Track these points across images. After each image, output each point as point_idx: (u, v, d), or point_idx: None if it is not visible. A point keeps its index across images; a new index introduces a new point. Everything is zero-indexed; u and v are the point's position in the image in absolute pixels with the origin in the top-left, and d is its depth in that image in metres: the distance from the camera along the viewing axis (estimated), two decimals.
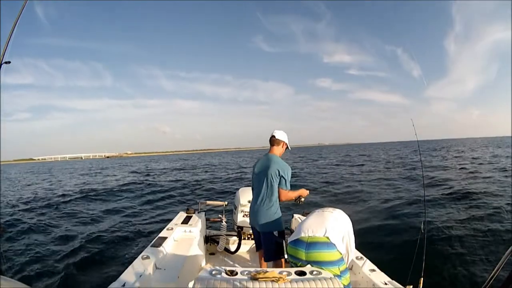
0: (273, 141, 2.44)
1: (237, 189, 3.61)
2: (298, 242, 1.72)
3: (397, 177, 10.77)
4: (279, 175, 2.30)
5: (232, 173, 17.26)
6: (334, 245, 1.67)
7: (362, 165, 18.87)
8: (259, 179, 2.39)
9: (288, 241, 1.81)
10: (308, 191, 2.56)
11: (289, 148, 2.54)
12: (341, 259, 1.69)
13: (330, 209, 1.98)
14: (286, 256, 2.36)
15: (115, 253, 4.33)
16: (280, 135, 2.45)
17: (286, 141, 2.47)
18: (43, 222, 6.07)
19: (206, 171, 20.02)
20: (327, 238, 1.67)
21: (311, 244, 1.67)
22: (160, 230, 2.87)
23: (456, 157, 22.72)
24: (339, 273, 1.64)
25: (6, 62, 1.38)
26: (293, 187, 2.44)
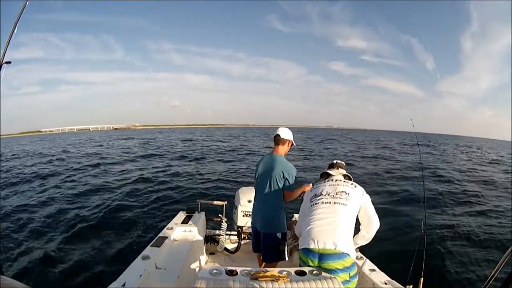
0: (278, 140, 2.35)
1: (238, 187, 3.61)
2: (309, 252, 1.66)
3: (398, 173, 10.76)
4: (283, 177, 2.25)
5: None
6: (348, 254, 1.62)
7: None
8: (263, 180, 2.35)
9: (300, 248, 1.75)
10: (310, 185, 2.46)
11: (295, 145, 2.46)
12: (353, 265, 1.66)
13: (339, 199, 1.75)
14: (287, 258, 2.35)
15: (115, 252, 4.33)
16: (285, 134, 2.35)
17: (292, 139, 2.38)
18: (41, 216, 6.06)
19: None
20: (339, 250, 1.60)
21: (323, 256, 1.62)
22: (160, 229, 2.87)
23: (465, 152, 23.05)
24: (348, 279, 1.61)
25: (6, 62, 1.38)
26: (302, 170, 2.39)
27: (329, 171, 2.02)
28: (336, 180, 1.90)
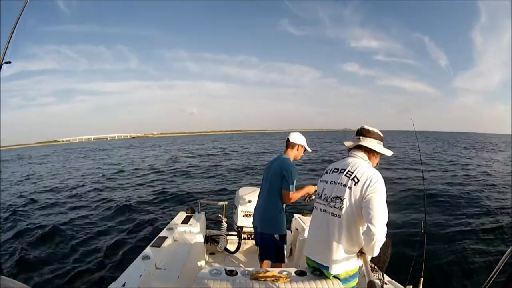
0: (287, 144, 2.42)
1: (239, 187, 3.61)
2: (313, 261, 1.62)
3: (399, 174, 10.74)
4: (281, 175, 2.24)
5: None
6: (344, 270, 1.53)
7: None
8: (265, 180, 2.40)
9: (304, 253, 1.70)
10: (315, 187, 2.36)
11: (309, 150, 2.48)
12: (357, 273, 1.59)
13: (333, 208, 1.50)
14: (286, 261, 2.34)
15: (115, 252, 4.33)
16: (294, 138, 2.40)
17: (303, 143, 2.41)
18: (43, 218, 6.06)
19: None
20: (331, 274, 1.52)
21: (321, 265, 1.57)
22: (160, 229, 2.87)
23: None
24: (348, 278, 1.56)
25: (6, 62, 1.38)
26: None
27: (346, 144, 1.69)
28: (340, 171, 1.56)
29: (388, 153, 1.64)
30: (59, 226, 5.56)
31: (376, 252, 1.45)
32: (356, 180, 1.47)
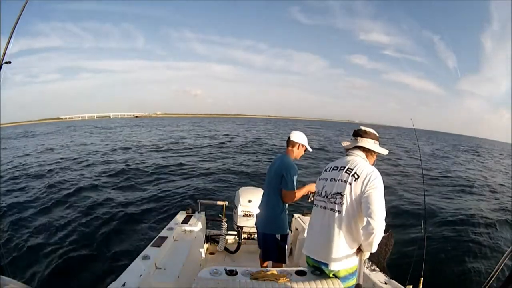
0: (288, 142, 2.41)
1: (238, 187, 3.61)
2: (312, 259, 1.63)
3: (399, 173, 10.74)
4: (280, 174, 2.24)
5: None
6: (343, 267, 1.54)
7: None
8: (266, 181, 2.41)
9: (304, 252, 1.70)
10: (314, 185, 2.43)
11: (310, 150, 2.46)
12: (356, 270, 1.56)
13: (333, 204, 1.53)
14: (287, 262, 2.34)
15: (115, 252, 4.33)
16: (295, 137, 2.38)
17: (303, 143, 2.39)
18: (40, 211, 6.05)
19: None
20: (331, 270, 1.54)
21: (320, 263, 1.58)
22: (160, 229, 2.87)
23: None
24: (348, 276, 1.56)
25: (6, 62, 1.38)
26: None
27: (343, 144, 1.76)
28: (340, 169, 1.61)
29: (384, 152, 1.72)
30: (58, 226, 5.55)
31: (374, 248, 1.47)
32: (356, 176, 1.52)
